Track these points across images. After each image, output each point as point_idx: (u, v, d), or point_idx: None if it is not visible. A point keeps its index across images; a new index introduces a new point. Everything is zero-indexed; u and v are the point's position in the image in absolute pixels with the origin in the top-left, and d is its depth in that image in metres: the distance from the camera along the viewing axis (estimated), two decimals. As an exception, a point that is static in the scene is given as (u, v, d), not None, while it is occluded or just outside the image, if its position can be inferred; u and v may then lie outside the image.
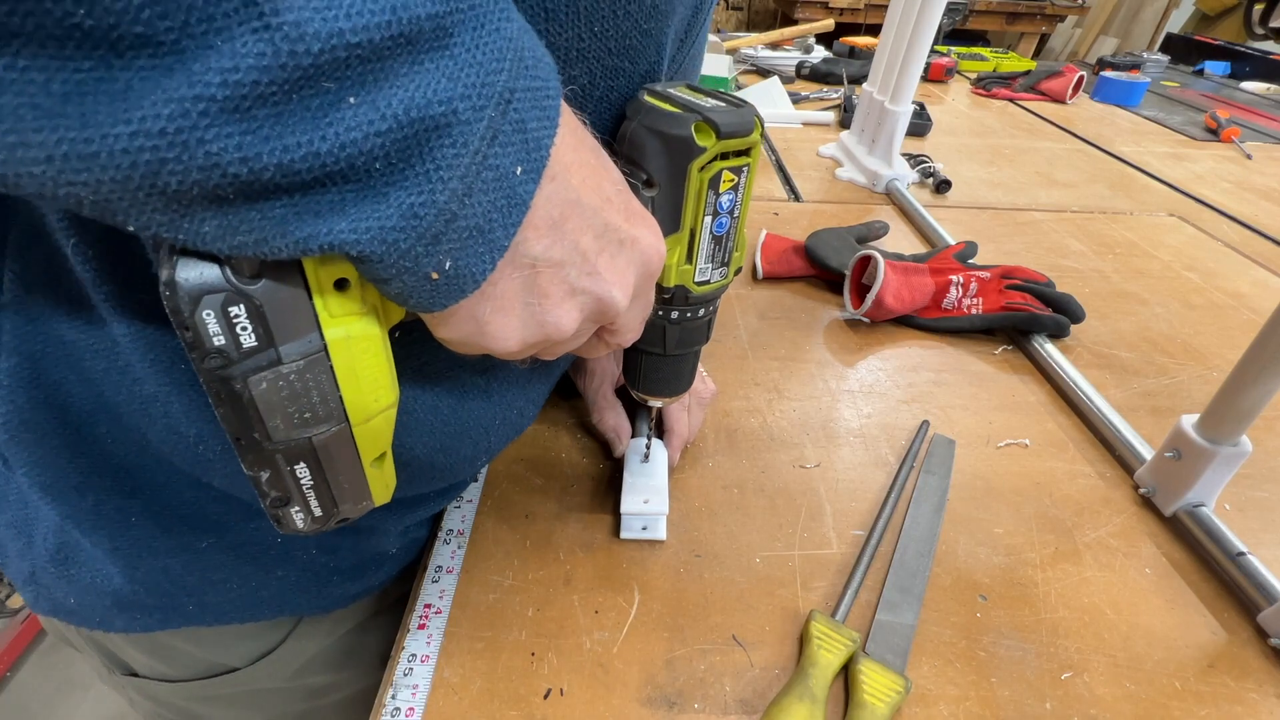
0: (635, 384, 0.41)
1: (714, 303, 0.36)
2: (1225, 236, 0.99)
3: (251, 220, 0.17)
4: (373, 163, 0.17)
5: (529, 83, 0.21)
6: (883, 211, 1.01)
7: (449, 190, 0.19)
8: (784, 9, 3.09)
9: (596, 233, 0.25)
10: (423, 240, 0.19)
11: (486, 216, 0.20)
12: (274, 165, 0.16)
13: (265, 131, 0.16)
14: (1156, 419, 0.60)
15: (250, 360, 0.20)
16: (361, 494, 0.26)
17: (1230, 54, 2.20)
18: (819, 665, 0.38)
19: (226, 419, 0.21)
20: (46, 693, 1.35)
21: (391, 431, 0.26)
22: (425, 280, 0.20)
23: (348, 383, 0.23)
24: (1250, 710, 0.39)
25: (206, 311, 0.19)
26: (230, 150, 0.16)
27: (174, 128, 0.15)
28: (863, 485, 0.52)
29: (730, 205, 0.31)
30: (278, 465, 0.23)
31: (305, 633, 0.48)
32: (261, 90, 0.15)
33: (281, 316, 0.20)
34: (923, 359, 0.68)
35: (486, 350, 0.25)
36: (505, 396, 0.39)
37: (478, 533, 0.47)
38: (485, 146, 0.19)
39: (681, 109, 0.28)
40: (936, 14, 0.92)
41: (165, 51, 0.14)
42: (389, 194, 0.18)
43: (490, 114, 0.19)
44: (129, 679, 0.48)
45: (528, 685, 0.38)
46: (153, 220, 0.16)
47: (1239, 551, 0.45)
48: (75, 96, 0.14)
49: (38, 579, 0.38)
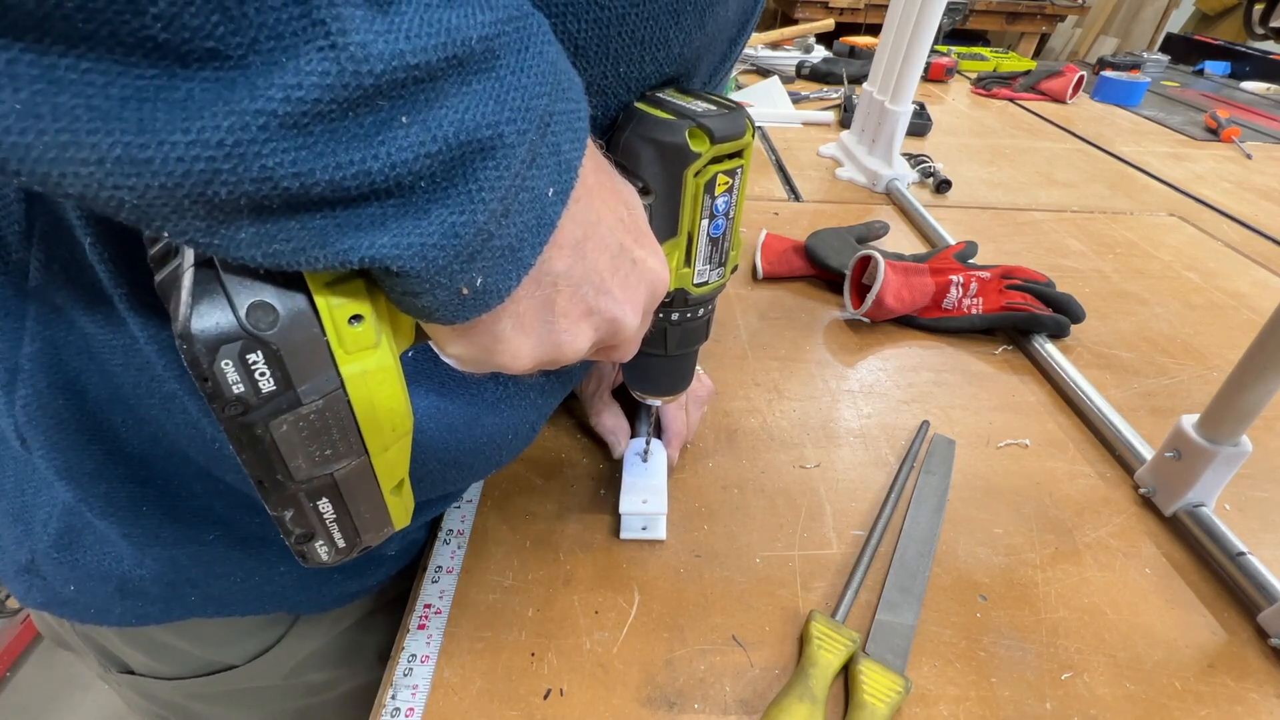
0: (636, 384, 0.41)
1: (712, 302, 0.37)
2: (1225, 236, 0.99)
3: (290, 230, 0.17)
4: (419, 181, 0.18)
5: (565, 105, 0.21)
6: (883, 211, 1.01)
7: (489, 211, 0.19)
8: (784, 9, 3.09)
9: (613, 253, 0.25)
10: (460, 258, 0.19)
11: (519, 236, 0.21)
12: (325, 181, 0.16)
13: (320, 148, 0.16)
14: (1156, 419, 0.60)
15: (270, 405, 0.20)
16: (383, 522, 0.26)
17: (1230, 54, 2.20)
18: (819, 665, 0.38)
19: (249, 463, 0.21)
20: (46, 693, 1.35)
21: (408, 458, 0.26)
22: (455, 295, 0.20)
23: (365, 416, 0.23)
24: (1250, 710, 0.39)
25: (225, 361, 0.19)
26: (285, 165, 0.16)
27: (232, 140, 0.15)
28: (863, 485, 0.52)
29: (726, 207, 0.31)
30: (301, 503, 0.23)
31: (302, 631, 0.48)
32: (322, 108, 0.15)
33: (298, 359, 0.20)
34: (923, 359, 0.68)
35: (495, 367, 0.25)
36: (518, 411, 0.40)
37: (478, 533, 0.47)
38: (524, 169, 0.20)
39: (674, 115, 0.28)
40: (936, 14, 0.92)
41: (231, 65, 0.14)
42: (431, 211, 0.18)
43: (531, 137, 0.19)
44: (125, 677, 0.48)
45: (528, 685, 0.38)
46: (190, 227, 0.16)
47: (1239, 551, 0.45)
48: (134, 102, 0.14)
49: (36, 567, 0.38)
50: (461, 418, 0.36)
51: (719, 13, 0.29)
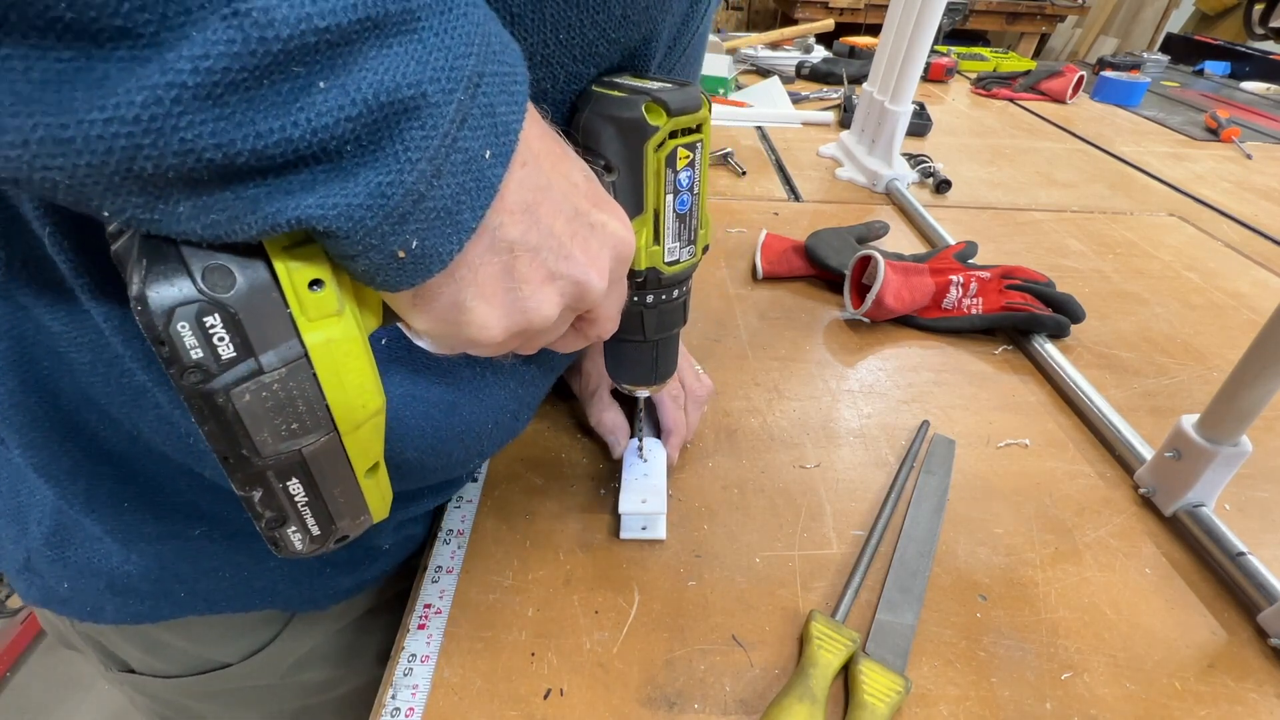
0: (619, 376, 0.41)
1: (687, 283, 0.37)
2: (1225, 236, 0.99)
3: (225, 200, 0.17)
4: (344, 145, 0.18)
5: (497, 68, 0.21)
6: (883, 211, 1.01)
7: (417, 171, 0.19)
8: (784, 9, 3.09)
9: (568, 217, 0.25)
10: (390, 219, 0.19)
11: (455, 198, 0.21)
12: (248, 150, 0.17)
13: (238, 117, 0.16)
14: (1156, 419, 0.60)
15: (230, 372, 0.20)
16: (358, 508, 0.26)
17: (1230, 54, 2.20)
18: (819, 665, 0.38)
19: (213, 436, 0.21)
20: (46, 693, 1.35)
21: (382, 440, 0.26)
22: (392, 259, 0.20)
23: (332, 388, 0.22)
24: (1250, 710, 0.39)
25: (181, 324, 0.19)
26: (205, 136, 0.16)
27: (148, 114, 0.15)
28: (863, 485, 0.52)
29: (690, 182, 0.32)
30: (269, 483, 0.23)
31: (298, 629, 0.48)
32: (233, 77, 0.16)
33: (258, 324, 0.20)
34: (923, 359, 0.68)
35: (468, 341, 0.25)
36: (498, 399, 0.39)
37: (478, 533, 0.47)
38: (454, 129, 0.20)
39: (629, 93, 0.29)
40: (936, 14, 0.92)
41: (145, 43, 0.15)
42: (358, 173, 0.18)
43: (459, 97, 0.19)
44: (125, 675, 0.48)
45: (528, 685, 0.38)
46: (128, 204, 0.17)
47: (1239, 551, 0.45)
48: (54, 84, 0.14)
49: (32, 565, 0.38)
50: (438, 403, 0.36)
51: None
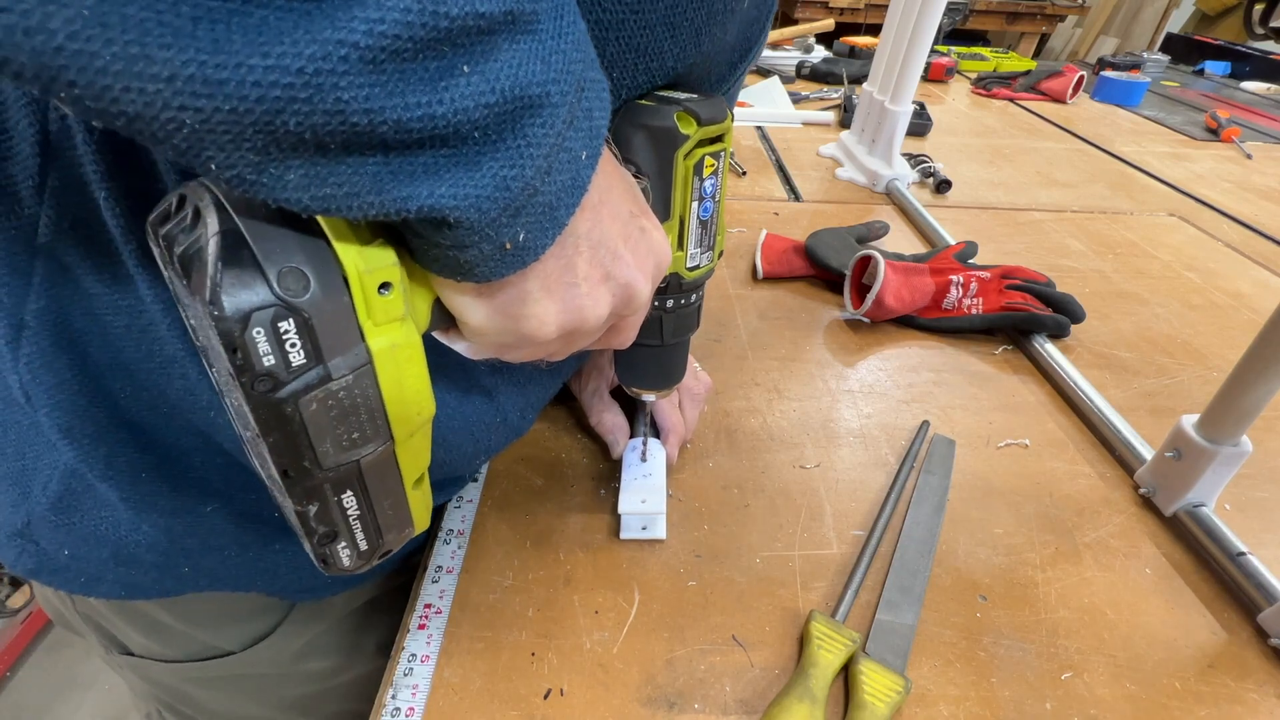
0: (631, 380, 0.42)
1: (702, 288, 0.38)
2: (1225, 236, 0.99)
3: (342, 174, 0.17)
4: (474, 131, 0.18)
5: (595, 74, 0.22)
6: (883, 211, 1.01)
7: (535, 166, 0.20)
8: (784, 9, 3.09)
9: (623, 220, 0.26)
10: (508, 211, 0.20)
11: (557, 195, 0.22)
12: (393, 121, 0.17)
13: (391, 86, 0.16)
14: (1156, 419, 0.60)
15: (300, 379, 0.19)
16: (404, 520, 0.26)
17: (1230, 54, 2.20)
18: (819, 665, 0.38)
19: (276, 449, 0.20)
20: (46, 693, 1.35)
21: (429, 449, 0.26)
22: (499, 250, 0.21)
23: (392, 395, 0.22)
24: (1250, 710, 0.39)
25: (257, 329, 0.18)
26: (359, 100, 0.16)
27: (313, 69, 0.15)
28: (863, 485, 0.52)
29: (713, 190, 0.33)
30: (326, 496, 0.22)
31: (299, 619, 0.48)
32: (399, 45, 0.16)
33: (329, 329, 0.19)
34: (923, 359, 0.68)
35: (522, 337, 0.25)
36: (509, 398, 0.40)
37: (478, 533, 0.47)
38: (565, 129, 0.20)
39: (660, 103, 0.30)
40: (936, 14, 0.92)
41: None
42: (481, 163, 0.19)
43: (571, 99, 0.20)
44: (125, 658, 0.48)
45: (528, 685, 0.38)
46: (240, 160, 0.16)
47: (1239, 551, 0.45)
48: (206, 22, 0.14)
49: (31, 531, 0.38)
50: (451, 399, 0.37)
51: (716, 34, 0.30)
